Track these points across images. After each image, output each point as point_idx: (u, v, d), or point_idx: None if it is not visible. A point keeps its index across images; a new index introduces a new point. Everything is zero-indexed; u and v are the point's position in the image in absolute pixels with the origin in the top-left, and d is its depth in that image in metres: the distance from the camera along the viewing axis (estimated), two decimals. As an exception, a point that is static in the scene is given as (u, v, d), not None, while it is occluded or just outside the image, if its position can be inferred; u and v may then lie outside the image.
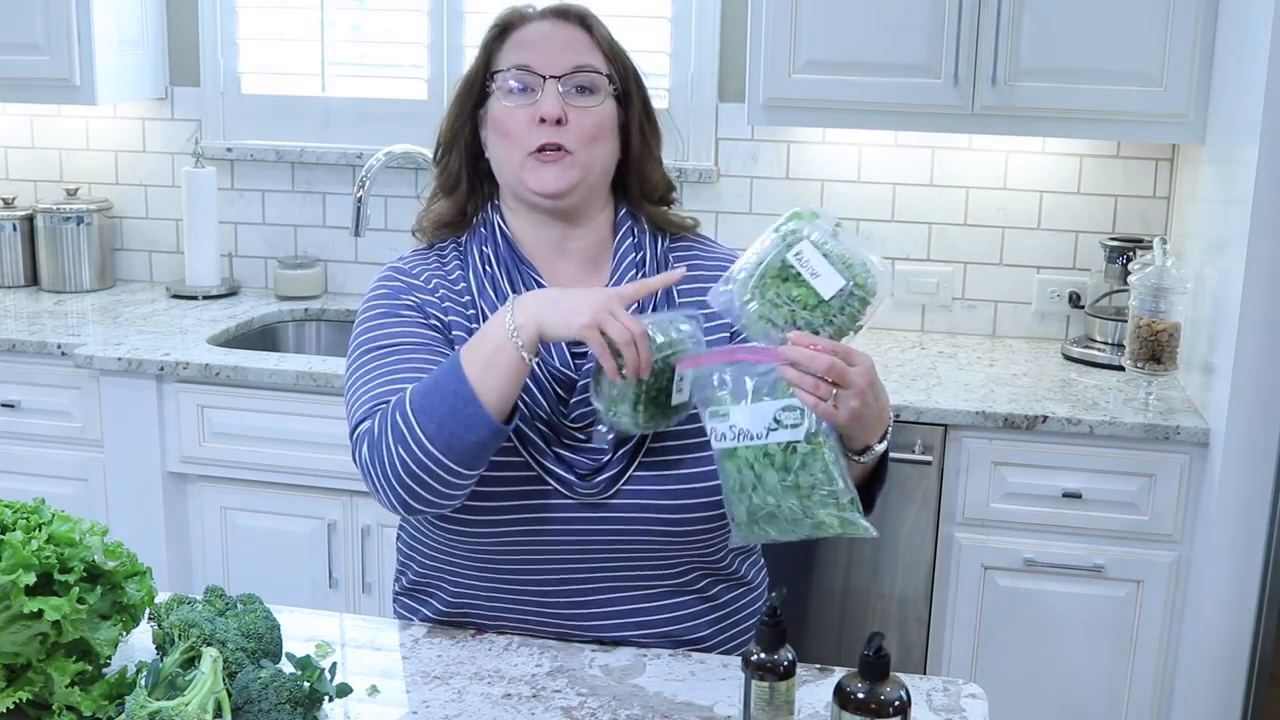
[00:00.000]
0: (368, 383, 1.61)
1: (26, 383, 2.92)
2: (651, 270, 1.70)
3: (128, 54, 3.25)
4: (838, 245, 1.42)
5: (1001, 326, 3.12)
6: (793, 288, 1.42)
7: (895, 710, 1.27)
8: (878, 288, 1.43)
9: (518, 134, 1.64)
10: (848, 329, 1.43)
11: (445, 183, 1.75)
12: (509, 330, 1.47)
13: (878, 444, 1.51)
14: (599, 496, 1.59)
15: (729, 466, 1.44)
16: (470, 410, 1.47)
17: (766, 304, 1.43)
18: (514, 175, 1.66)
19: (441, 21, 3.24)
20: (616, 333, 1.43)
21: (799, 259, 1.41)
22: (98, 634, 1.40)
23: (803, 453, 1.40)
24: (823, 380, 1.39)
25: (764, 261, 1.43)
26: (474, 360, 1.49)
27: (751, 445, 1.41)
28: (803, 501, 1.41)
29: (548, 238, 1.70)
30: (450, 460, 1.48)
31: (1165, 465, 2.50)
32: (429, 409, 1.48)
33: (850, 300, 1.42)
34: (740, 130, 3.12)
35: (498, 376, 1.47)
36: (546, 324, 1.46)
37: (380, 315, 1.67)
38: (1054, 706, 2.63)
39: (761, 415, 1.41)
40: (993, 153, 3.04)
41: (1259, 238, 2.30)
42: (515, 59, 1.66)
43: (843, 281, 1.41)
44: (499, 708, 1.48)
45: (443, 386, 1.49)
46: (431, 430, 1.48)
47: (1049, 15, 2.63)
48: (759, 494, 1.42)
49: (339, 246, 3.38)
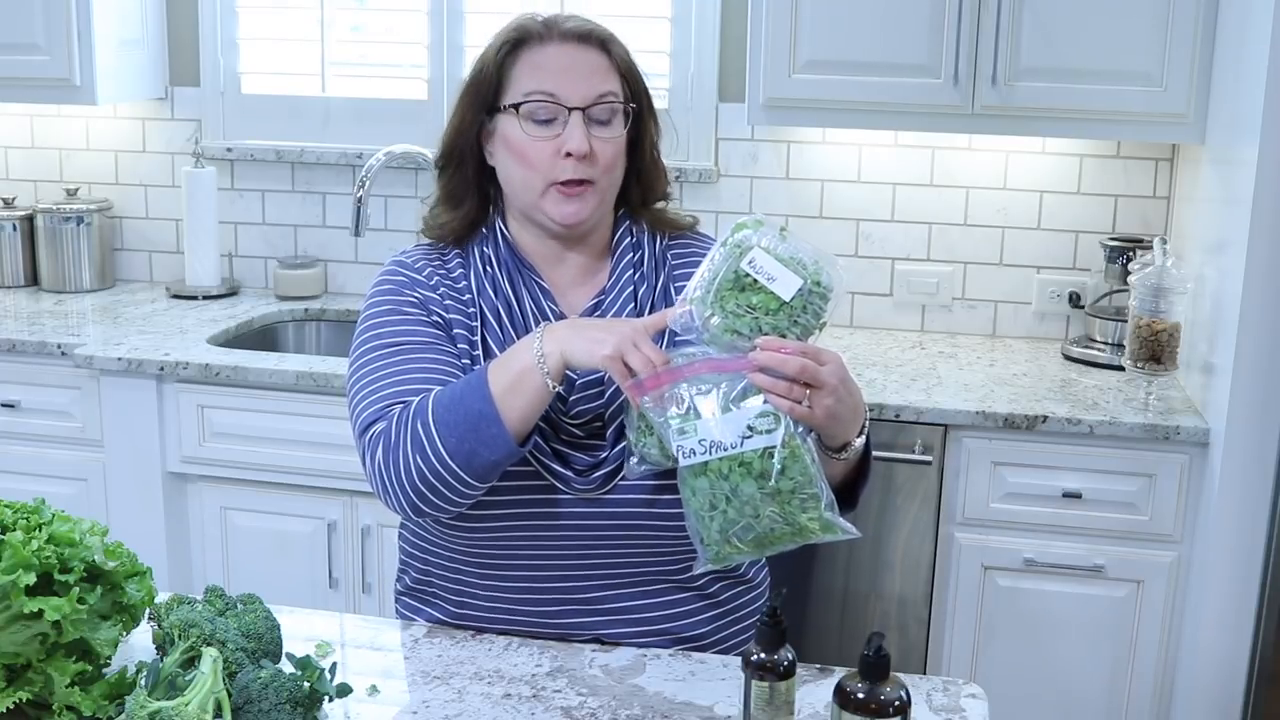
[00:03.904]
0: (375, 382, 1.62)
1: (26, 383, 2.92)
2: (650, 270, 1.71)
3: (128, 54, 3.25)
4: (788, 248, 1.43)
5: (1001, 326, 3.12)
6: (751, 295, 1.42)
7: (895, 710, 1.27)
8: (835, 282, 1.44)
9: (540, 164, 1.63)
10: (813, 327, 1.44)
11: (451, 194, 1.74)
12: (536, 356, 1.49)
13: (857, 439, 1.52)
14: (597, 492, 1.60)
15: (699, 484, 1.42)
16: (493, 431, 1.50)
17: (729, 316, 1.42)
18: (531, 200, 1.66)
19: (441, 21, 3.24)
20: (638, 363, 1.44)
21: (753, 266, 1.42)
22: (98, 634, 1.40)
23: (781, 457, 1.39)
24: (795, 383, 1.39)
25: (718, 275, 1.43)
26: (500, 381, 1.51)
27: (725, 456, 1.40)
28: (783, 508, 1.41)
29: (550, 248, 1.71)
30: (466, 474, 1.52)
31: (1165, 465, 2.50)
32: (451, 423, 1.51)
33: (811, 298, 1.42)
34: (740, 130, 3.12)
35: (522, 400, 1.50)
36: (571, 353, 1.48)
37: (385, 313, 1.68)
38: (1054, 706, 2.63)
39: (734, 425, 1.40)
40: (993, 153, 3.04)
41: (1259, 238, 2.29)
42: (537, 84, 1.64)
43: (800, 281, 1.42)
44: (499, 708, 1.48)
45: (467, 403, 1.51)
46: (452, 444, 1.51)
47: (1049, 15, 2.63)
48: (733, 507, 1.41)
49: (339, 246, 3.38)
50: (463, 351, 1.65)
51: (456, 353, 1.65)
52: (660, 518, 1.61)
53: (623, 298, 1.68)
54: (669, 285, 1.71)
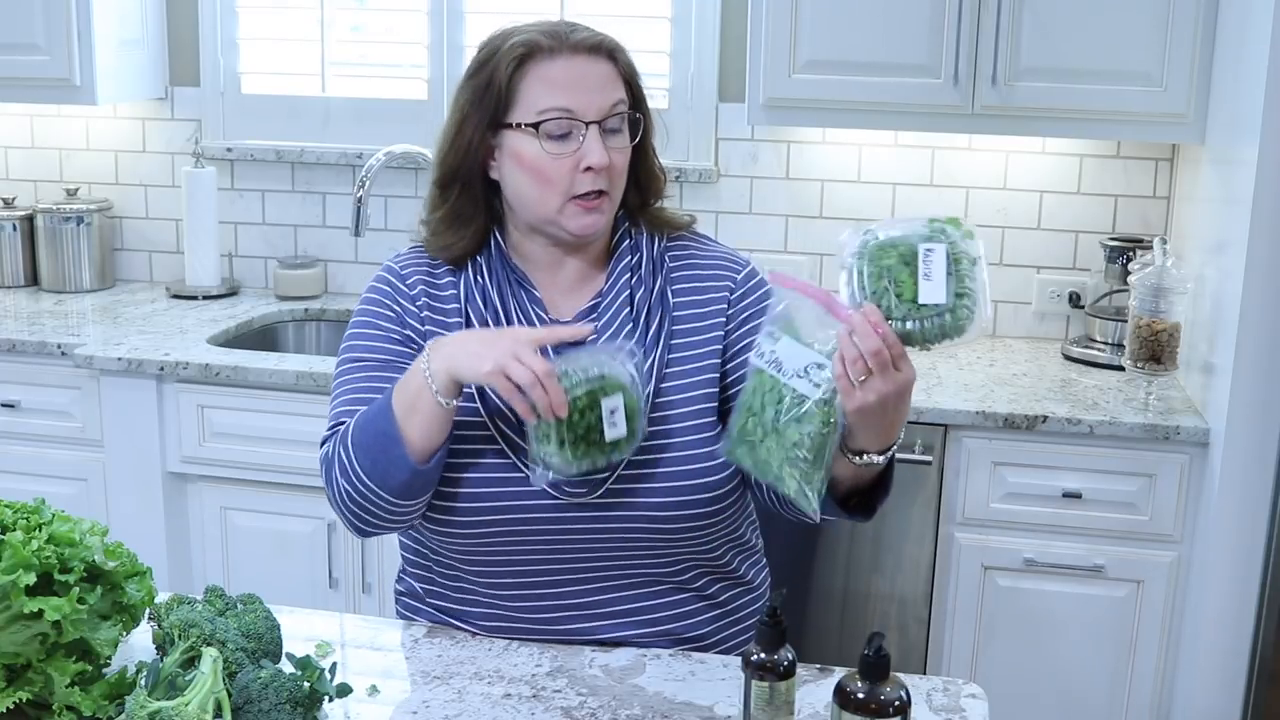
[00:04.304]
0: (336, 398, 1.67)
1: (26, 383, 2.92)
2: (647, 273, 1.70)
3: (128, 54, 3.25)
4: (967, 270, 1.42)
5: (1002, 326, 3.12)
6: (903, 272, 1.42)
7: (895, 710, 1.27)
8: (965, 332, 1.43)
9: (559, 180, 1.61)
10: (916, 340, 1.42)
11: (458, 216, 1.69)
12: (425, 376, 1.51)
13: (877, 456, 1.50)
14: (589, 496, 1.60)
15: (753, 381, 1.47)
16: (396, 451, 1.53)
17: (872, 266, 1.42)
18: (546, 215, 1.64)
19: (441, 21, 3.24)
20: (519, 375, 1.45)
21: (928, 254, 1.41)
22: (98, 634, 1.40)
23: (806, 411, 1.42)
24: (862, 360, 1.38)
25: (901, 236, 1.43)
26: (400, 401, 1.54)
27: (774, 377, 1.44)
28: (779, 450, 1.44)
29: (551, 255, 1.70)
30: (386, 492, 1.55)
31: (1165, 465, 2.50)
32: (363, 444, 1.55)
33: (935, 320, 1.41)
34: (740, 130, 3.12)
35: (420, 419, 1.52)
36: (457, 369, 1.50)
37: (361, 325, 1.70)
38: (1054, 706, 2.63)
39: (798, 359, 1.43)
40: (993, 153, 3.03)
41: (1259, 238, 2.29)
42: (551, 101, 1.60)
43: (944, 301, 1.41)
44: (499, 708, 1.48)
45: (376, 424, 1.55)
46: (366, 465, 1.55)
47: (1049, 15, 2.63)
48: (755, 421, 1.46)
49: (339, 246, 3.38)
50: None
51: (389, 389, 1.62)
52: (651, 520, 1.61)
53: (619, 301, 1.67)
54: (665, 288, 1.69)
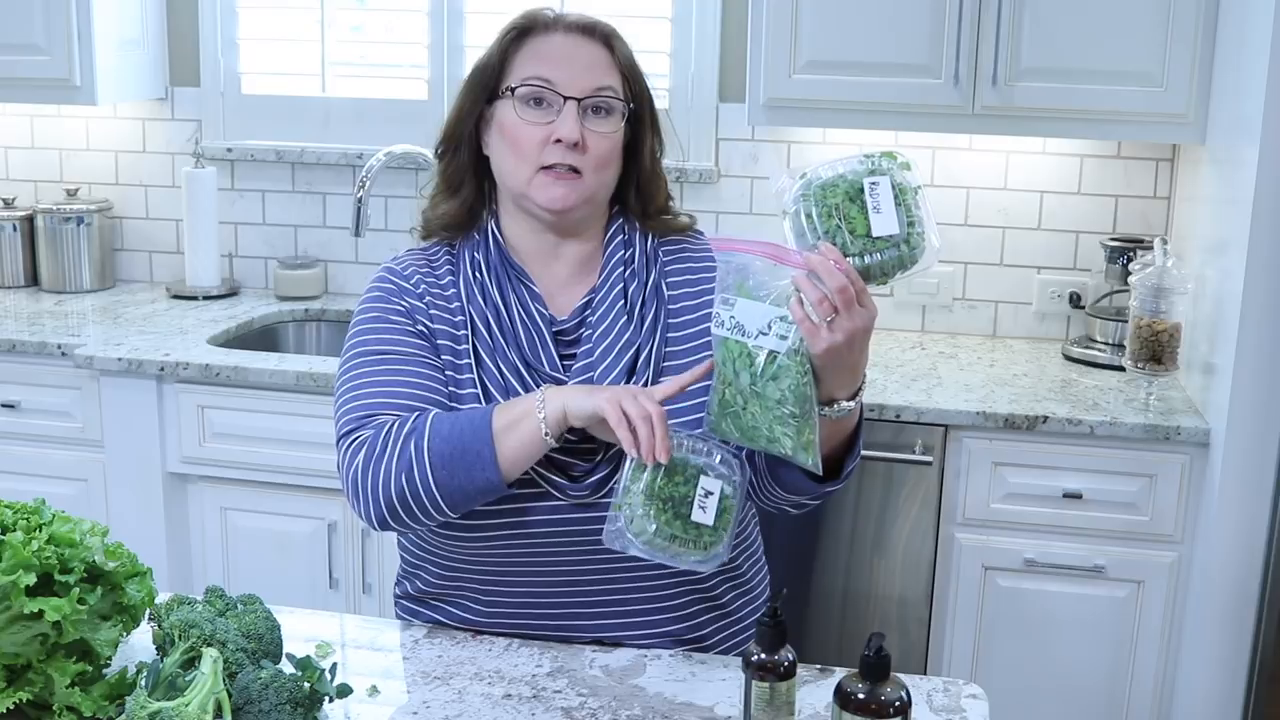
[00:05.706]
0: (359, 390, 1.64)
1: (27, 383, 2.92)
2: (641, 267, 1.71)
3: (128, 54, 3.25)
4: (913, 201, 1.42)
5: (1002, 327, 3.12)
6: (852, 208, 1.41)
7: (896, 711, 1.27)
8: (921, 256, 1.43)
9: (529, 148, 1.64)
10: (876, 276, 1.43)
11: (449, 181, 1.74)
12: (537, 405, 1.52)
13: (845, 401, 1.49)
14: (592, 497, 1.60)
15: (720, 353, 1.46)
16: (487, 475, 1.52)
17: (820, 207, 1.42)
18: (518, 185, 1.66)
19: (442, 21, 3.24)
20: (633, 408, 1.45)
21: (873, 188, 1.41)
22: (98, 634, 1.40)
23: (780, 366, 1.41)
24: (828, 300, 1.38)
25: (842, 175, 1.42)
26: (501, 424, 1.53)
27: (740, 341, 1.43)
28: (765, 412, 1.43)
29: (543, 243, 1.71)
30: (445, 503, 1.55)
31: (1165, 465, 2.50)
32: (446, 455, 1.53)
33: (891, 253, 1.41)
34: (740, 130, 3.12)
35: (515, 440, 1.52)
36: (570, 405, 1.51)
37: (373, 320, 1.69)
38: (1054, 706, 2.63)
39: (759, 315, 1.42)
40: (993, 153, 3.03)
41: (1259, 238, 2.29)
42: (535, 71, 1.65)
43: (898, 230, 1.41)
44: (499, 708, 1.48)
45: (465, 439, 1.53)
46: (442, 476, 1.53)
47: (1049, 15, 2.63)
48: (732, 390, 1.45)
49: (339, 247, 3.38)
50: (447, 363, 1.65)
51: (440, 364, 1.65)
52: None
53: (613, 295, 1.68)
54: (660, 283, 1.70)
